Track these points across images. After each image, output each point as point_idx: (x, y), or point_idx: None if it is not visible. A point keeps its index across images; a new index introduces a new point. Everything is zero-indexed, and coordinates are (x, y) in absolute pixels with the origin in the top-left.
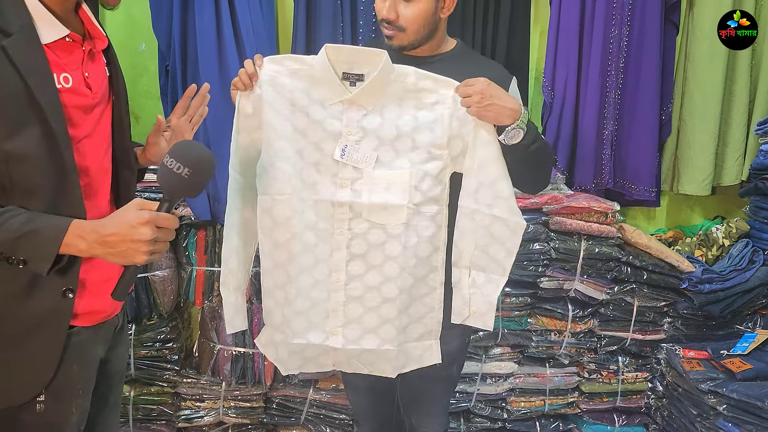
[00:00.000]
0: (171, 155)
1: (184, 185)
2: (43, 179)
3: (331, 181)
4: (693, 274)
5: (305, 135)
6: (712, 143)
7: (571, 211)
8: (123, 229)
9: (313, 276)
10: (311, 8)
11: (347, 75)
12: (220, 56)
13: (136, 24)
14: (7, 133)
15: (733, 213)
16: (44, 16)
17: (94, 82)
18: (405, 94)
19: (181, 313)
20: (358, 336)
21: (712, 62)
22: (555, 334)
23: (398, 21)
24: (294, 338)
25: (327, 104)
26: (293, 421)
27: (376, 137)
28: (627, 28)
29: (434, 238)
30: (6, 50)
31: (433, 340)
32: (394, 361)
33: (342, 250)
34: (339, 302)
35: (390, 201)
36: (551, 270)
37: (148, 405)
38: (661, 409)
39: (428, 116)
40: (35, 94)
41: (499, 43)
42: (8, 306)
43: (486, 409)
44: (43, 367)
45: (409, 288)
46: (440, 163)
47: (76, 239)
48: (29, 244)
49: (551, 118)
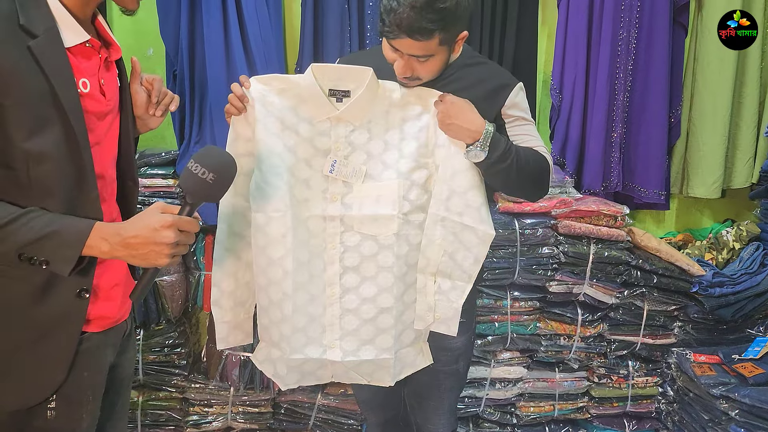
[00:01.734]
0: (196, 160)
1: (209, 190)
2: (62, 180)
3: (322, 196)
4: (703, 277)
5: (295, 152)
6: (721, 146)
7: (580, 215)
8: (146, 231)
9: (308, 292)
10: (318, 12)
11: (333, 92)
12: (228, 61)
13: (143, 29)
14: (29, 132)
15: (743, 216)
16: (67, 20)
17: (108, 90)
18: (391, 108)
19: (189, 318)
20: (356, 348)
21: (722, 64)
22: (564, 339)
23: (414, 74)
24: (292, 354)
25: (315, 121)
26: (301, 426)
27: (365, 152)
28: (635, 30)
29: (420, 244)
30: (32, 51)
31: (422, 343)
32: (391, 369)
33: (335, 264)
34: (335, 316)
35: (380, 212)
36: (560, 274)
37: (157, 410)
38: (672, 414)
39: (414, 126)
40: (59, 95)
41: (507, 45)
42: (24, 306)
43: (495, 414)
44: (57, 367)
45: (402, 295)
46: (426, 171)
47: (99, 241)
48: (52, 245)
49: (559, 121)
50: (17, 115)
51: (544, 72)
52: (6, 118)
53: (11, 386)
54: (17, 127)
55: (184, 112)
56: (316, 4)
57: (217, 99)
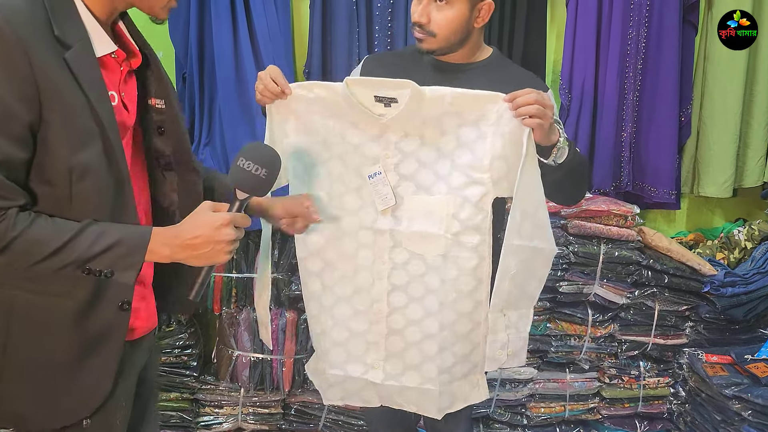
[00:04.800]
0: (245, 157)
1: (261, 185)
2: (101, 194)
3: (373, 208)
4: (715, 277)
5: (344, 161)
6: (732, 144)
7: (590, 215)
8: (206, 231)
9: (352, 306)
10: (327, 15)
11: (380, 98)
12: (237, 63)
13: (153, 32)
14: (73, 148)
15: (755, 215)
16: (96, 30)
17: (129, 103)
18: (445, 113)
19: (199, 320)
20: (399, 372)
21: (732, 62)
22: (575, 339)
23: (429, 25)
24: (331, 369)
25: (364, 127)
26: (312, 427)
27: (416, 160)
28: (645, 29)
29: (477, 270)
30: (68, 63)
31: (479, 375)
32: (438, 401)
33: (383, 280)
34: (381, 334)
35: (428, 230)
36: (570, 274)
37: (167, 411)
38: (684, 415)
39: (470, 134)
40: (96, 107)
41: (516, 45)
42: (68, 323)
43: (505, 415)
44: (102, 381)
45: (452, 324)
46: (481, 188)
47: (160, 246)
48: (116, 255)
49: (569, 121)
50: (62, 131)
51: (553, 71)
52: (50, 134)
53: (58, 403)
54: (62, 142)
55: (193, 114)
56: (325, 7)
57: (226, 101)
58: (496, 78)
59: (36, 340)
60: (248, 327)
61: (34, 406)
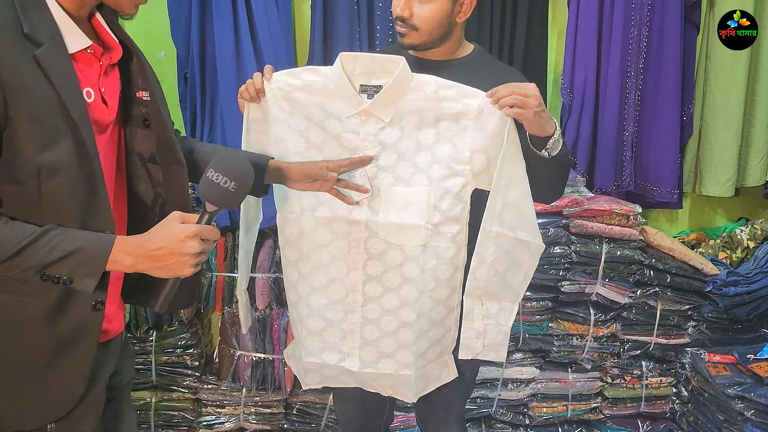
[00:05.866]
0: (216, 169)
1: (230, 198)
2: (73, 192)
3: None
4: (717, 276)
5: (321, 150)
6: (734, 144)
7: (592, 214)
8: (170, 242)
9: (327, 296)
10: (328, 14)
11: (365, 87)
12: (238, 63)
13: (154, 32)
14: (42, 146)
15: (757, 214)
16: (68, 26)
17: (109, 98)
18: (425, 104)
19: (201, 320)
20: (375, 359)
21: (734, 61)
22: (577, 339)
23: (412, 19)
24: (307, 357)
25: (343, 117)
26: (313, 427)
27: (395, 152)
28: (646, 28)
29: (455, 259)
30: (38, 60)
31: (447, 356)
32: (413, 385)
33: (358, 270)
34: (356, 324)
35: (407, 221)
36: (572, 273)
37: (169, 411)
38: (687, 415)
39: (450, 128)
40: (67, 105)
41: (517, 44)
42: (41, 323)
43: (507, 415)
44: (76, 382)
45: (428, 312)
46: (461, 179)
47: (122, 255)
48: (75, 262)
49: (570, 121)
50: (28, 129)
51: (555, 71)
52: (17, 133)
53: (28, 404)
54: (29, 140)
55: (195, 114)
56: (326, 6)
57: (227, 101)
58: (479, 74)
59: (6, 338)
60: (250, 326)
61: (3, 405)
